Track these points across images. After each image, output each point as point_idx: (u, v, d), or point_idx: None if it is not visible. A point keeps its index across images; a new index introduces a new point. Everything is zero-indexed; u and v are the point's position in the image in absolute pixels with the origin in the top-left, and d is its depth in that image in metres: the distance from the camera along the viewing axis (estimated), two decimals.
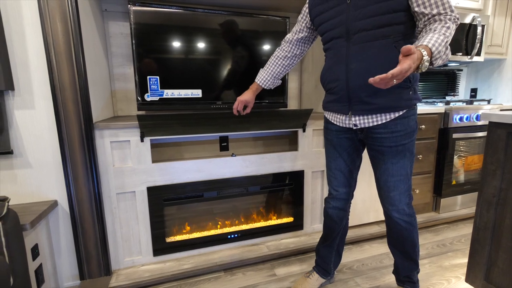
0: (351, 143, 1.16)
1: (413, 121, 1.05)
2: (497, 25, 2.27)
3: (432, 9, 0.89)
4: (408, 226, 1.12)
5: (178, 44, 1.63)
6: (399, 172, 1.07)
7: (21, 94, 1.21)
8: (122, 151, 1.38)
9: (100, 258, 1.38)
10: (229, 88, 1.77)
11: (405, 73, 0.75)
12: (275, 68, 1.30)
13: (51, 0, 1.13)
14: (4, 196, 1.01)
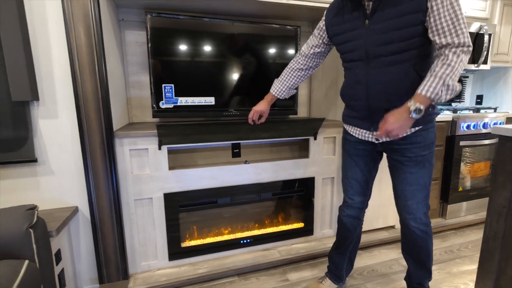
0: (369, 154, 1.20)
1: (432, 133, 1.09)
2: (503, 33, 2.30)
3: (441, 38, 0.91)
4: (424, 235, 1.16)
5: (192, 52, 1.67)
6: (418, 181, 1.10)
7: (46, 104, 1.26)
8: (140, 159, 1.42)
9: (118, 263, 1.42)
10: (240, 95, 1.81)
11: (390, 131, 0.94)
12: (291, 79, 1.34)
13: (76, 14, 1.17)
14: (33, 205, 1.05)
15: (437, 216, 2.11)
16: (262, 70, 1.83)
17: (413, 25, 0.95)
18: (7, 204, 1.26)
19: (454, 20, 0.89)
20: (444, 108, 2.21)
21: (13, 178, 1.26)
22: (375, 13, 1.00)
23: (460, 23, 0.89)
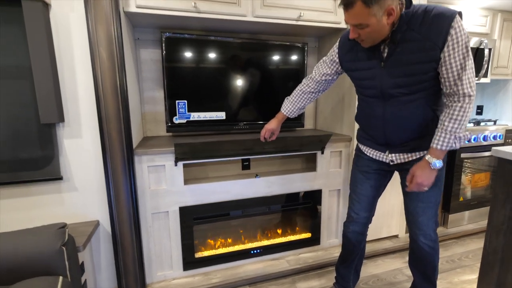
0: (381, 171, 1.28)
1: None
2: (503, 47, 2.37)
3: (448, 88, 0.99)
4: (432, 251, 1.23)
5: (204, 69, 1.74)
6: (429, 199, 1.18)
7: (70, 125, 1.33)
8: (157, 175, 1.50)
9: (137, 273, 1.49)
10: (250, 110, 1.88)
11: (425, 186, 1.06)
12: (301, 101, 1.41)
13: (101, 40, 1.25)
14: (63, 223, 1.12)
15: (439, 225, 2.18)
16: (271, 85, 1.91)
17: (426, 73, 1.01)
18: (35, 218, 1.34)
19: (462, 73, 0.95)
20: None
21: (40, 195, 1.34)
22: (390, 56, 1.04)
23: (468, 76, 0.96)
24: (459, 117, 0.98)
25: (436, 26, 0.95)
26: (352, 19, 0.97)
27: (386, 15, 0.94)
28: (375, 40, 1.03)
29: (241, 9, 1.55)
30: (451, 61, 0.96)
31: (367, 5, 0.91)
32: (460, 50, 0.94)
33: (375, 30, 0.98)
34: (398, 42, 1.01)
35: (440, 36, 0.95)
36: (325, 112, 2.11)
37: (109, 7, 1.24)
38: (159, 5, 1.42)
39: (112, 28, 1.26)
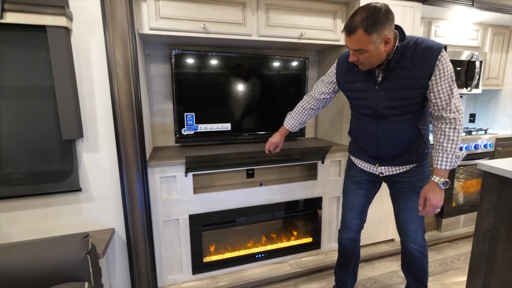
0: (371, 182, 1.39)
1: (427, 168, 1.28)
2: (494, 59, 2.49)
3: (437, 112, 1.11)
4: (421, 256, 1.34)
5: (211, 83, 1.84)
6: (417, 209, 1.28)
7: (89, 140, 1.43)
8: (168, 185, 1.60)
9: (149, 277, 1.59)
10: (254, 121, 1.99)
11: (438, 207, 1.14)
12: (302, 116, 1.51)
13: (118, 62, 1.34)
14: (86, 233, 1.22)
15: (432, 229, 2.30)
16: (274, 97, 2.01)
17: (415, 97, 1.13)
18: (55, 228, 1.43)
19: (450, 99, 1.07)
20: None
21: (60, 205, 1.43)
22: (384, 81, 1.15)
23: (455, 102, 1.08)
24: (455, 138, 1.09)
25: (425, 57, 1.07)
26: (353, 44, 1.07)
27: (384, 43, 1.05)
28: (372, 64, 1.13)
29: (246, 29, 1.65)
30: (438, 89, 1.07)
31: (367, 33, 1.01)
32: (446, 79, 1.06)
33: (373, 56, 1.08)
34: (392, 69, 1.12)
35: (428, 67, 1.07)
36: (325, 123, 2.22)
37: (126, 31, 1.34)
38: (170, 27, 1.52)
39: (128, 51, 1.36)
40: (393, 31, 1.08)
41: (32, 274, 1.03)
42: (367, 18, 1.00)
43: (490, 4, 2.05)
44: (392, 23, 1.05)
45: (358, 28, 1.02)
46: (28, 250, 1.07)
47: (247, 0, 1.62)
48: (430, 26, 2.20)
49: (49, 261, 1.06)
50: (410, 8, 1.84)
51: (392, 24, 1.05)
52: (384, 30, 1.02)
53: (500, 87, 2.59)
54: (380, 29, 1.01)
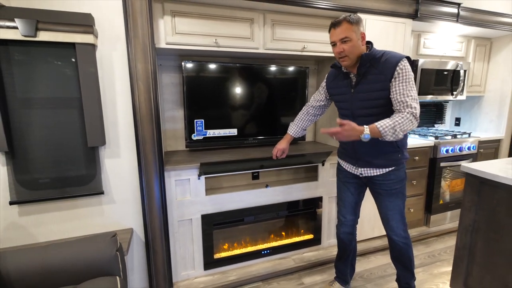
0: (357, 182, 1.55)
1: (403, 172, 1.45)
2: (476, 68, 2.71)
3: (395, 106, 1.29)
4: (405, 246, 1.51)
5: (219, 91, 1.97)
6: (395, 207, 1.46)
7: (111, 147, 1.54)
8: (183, 187, 1.72)
9: (165, 273, 1.71)
10: (259, 127, 2.13)
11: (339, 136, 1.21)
12: (303, 123, 1.69)
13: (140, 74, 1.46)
14: (114, 232, 1.34)
15: (422, 225, 2.50)
16: (277, 104, 2.16)
17: (383, 98, 1.32)
18: (79, 228, 1.54)
19: (407, 97, 1.24)
20: (429, 134, 2.59)
21: (84, 207, 1.54)
22: (357, 85, 1.37)
23: (412, 96, 1.25)
24: (404, 119, 1.21)
25: (388, 64, 1.29)
26: (340, 34, 1.30)
27: (361, 38, 1.32)
28: (353, 59, 1.33)
29: (254, 43, 1.79)
30: (396, 88, 1.27)
31: (350, 23, 1.29)
32: (404, 80, 1.26)
33: (355, 46, 1.30)
34: (362, 75, 1.34)
35: (390, 71, 1.28)
36: (323, 125, 2.37)
37: (147, 46, 1.46)
38: (185, 42, 1.65)
39: (149, 64, 1.48)
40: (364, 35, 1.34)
41: (71, 269, 1.15)
42: (348, 16, 1.30)
43: (473, 19, 2.26)
44: (362, 25, 1.33)
45: (342, 21, 1.30)
46: (67, 247, 1.18)
47: (254, 17, 1.76)
48: (419, 38, 2.39)
49: (84, 258, 1.18)
50: (402, 24, 2.02)
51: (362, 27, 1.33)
52: (360, 27, 1.31)
53: (483, 94, 2.81)
54: (358, 24, 1.30)
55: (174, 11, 1.61)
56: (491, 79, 2.77)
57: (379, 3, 1.91)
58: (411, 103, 1.24)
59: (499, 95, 2.72)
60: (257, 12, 1.77)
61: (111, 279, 1.20)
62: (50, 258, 1.14)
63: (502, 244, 1.36)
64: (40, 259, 1.13)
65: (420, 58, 2.38)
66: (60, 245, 1.20)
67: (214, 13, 1.68)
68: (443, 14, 2.13)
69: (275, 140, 1.95)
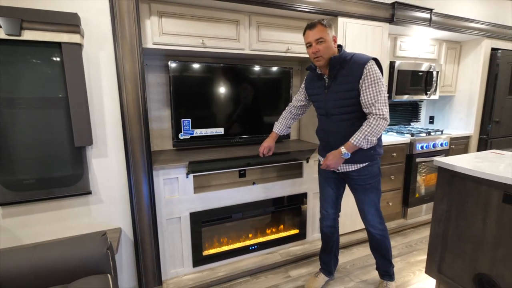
0: (336, 177, 1.65)
1: (376, 168, 1.55)
2: (448, 70, 2.89)
3: (366, 108, 1.38)
4: (381, 237, 1.62)
5: (205, 91, 2.01)
6: (370, 202, 1.57)
7: (98, 146, 1.54)
8: (171, 186, 1.74)
9: (154, 271, 1.73)
10: (244, 126, 2.18)
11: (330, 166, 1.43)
12: (287, 121, 1.78)
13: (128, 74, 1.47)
14: (103, 231, 1.34)
15: (400, 218, 2.65)
16: (262, 103, 2.22)
17: (353, 97, 1.41)
18: (66, 229, 1.53)
19: (376, 99, 1.34)
20: (406, 131, 2.74)
21: (71, 208, 1.53)
22: (330, 86, 1.47)
23: (380, 100, 1.34)
24: (372, 125, 1.34)
25: (356, 66, 1.38)
26: (315, 35, 1.39)
27: (333, 40, 1.42)
28: (325, 59, 1.42)
29: (240, 44, 1.84)
30: (365, 90, 1.36)
31: (324, 26, 1.39)
32: (372, 81, 1.35)
33: (329, 47, 1.40)
34: (333, 76, 1.44)
35: (358, 72, 1.37)
36: (307, 126, 2.46)
37: (135, 47, 1.47)
38: (172, 42, 1.67)
39: (137, 64, 1.49)
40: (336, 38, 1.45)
41: (61, 269, 1.15)
42: (322, 20, 1.42)
43: (444, 24, 2.42)
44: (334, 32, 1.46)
45: (317, 23, 1.40)
46: (57, 247, 1.18)
47: (240, 19, 1.81)
48: (396, 41, 2.53)
49: (75, 257, 1.19)
50: (379, 27, 2.14)
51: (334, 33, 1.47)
52: (332, 31, 1.43)
53: (454, 94, 3.01)
54: (331, 27, 1.41)
55: (161, 12, 1.63)
56: (461, 80, 2.97)
57: (359, 8, 2.01)
58: (380, 107, 1.34)
59: (468, 95, 2.92)
60: (242, 14, 1.82)
61: (103, 277, 1.21)
62: (40, 258, 1.14)
63: (471, 231, 1.48)
64: (30, 259, 1.12)
65: (396, 60, 2.52)
66: (50, 245, 1.20)
67: (201, 15, 1.72)
68: (417, 19, 2.27)
69: (261, 138, 2.01)
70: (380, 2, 2.09)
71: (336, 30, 1.99)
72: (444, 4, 2.47)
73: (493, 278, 1.39)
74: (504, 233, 1.35)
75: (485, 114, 2.91)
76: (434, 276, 1.70)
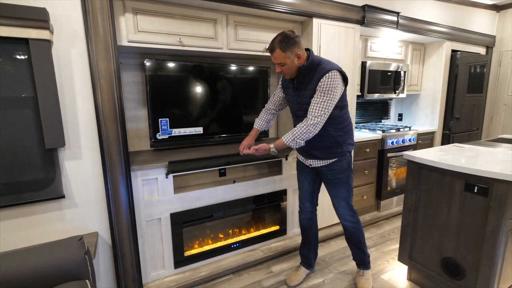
0: (311, 171, 1.71)
1: (345, 163, 1.63)
2: (414, 70, 3.09)
3: (308, 113, 1.45)
4: (354, 230, 1.71)
5: (183, 90, 1.99)
6: (340, 195, 1.65)
7: (71, 148, 1.47)
8: (150, 186, 1.71)
9: (134, 275, 1.68)
10: (223, 125, 2.19)
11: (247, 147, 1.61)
12: (266, 116, 1.80)
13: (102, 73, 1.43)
14: (80, 236, 1.29)
15: (374, 210, 2.78)
16: (241, 103, 2.24)
17: None
18: (38, 235, 1.45)
19: (315, 106, 1.41)
20: (377, 127, 2.89)
21: (43, 213, 1.45)
22: (297, 90, 1.54)
23: (318, 108, 1.41)
24: (303, 129, 1.43)
25: (318, 75, 1.43)
26: (275, 59, 1.45)
27: (296, 58, 1.44)
28: (292, 74, 1.51)
29: (218, 43, 1.84)
30: (314, 98, 1.43)
31: (283, 51, 1.40)
32: (321, 92, 1.41)
33: (291, 67, 1.46)
34: (300, 82, 1.50)
35: (316, 82, 1.43)
36: (285, 124, 2.51)
37: (109, 44, 1.43)
38: (148, 40, 1.64)
39: (112, 63, 1.45)
40: (303, 49, 1.46)
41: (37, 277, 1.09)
42: (281, 41, 1.39)
43: (409, 27, 2.58)
44: (299, 43, 1.43)
45: (276, 48, 1.41)
46: (31, 254, 1.12)
47: (218, 17, 1.82)
48: (367, 42, 2.66)
49: (51, 263, 1.13)
50: (352, 29, 2.24)
51: (300, 43, 1.44)
52: (294, 48, 1.41)
53: (419, 92, 3.22)
54: (291, 48, 1.40)
55: (136, 9, 1.59)
56: (425, 79, 3.18)
57: (333, 10, 2.09)
58: (315, 114, 1.41)
59: (432, 93, 3.14)
60: (220, 13, 1.83)
61: (81, 283, 1.17)
62: (11, 267, 1.07)
63: (437, 219, 1.61)
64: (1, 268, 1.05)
65: (368, 60, 2.65)
66: (21, 252, 1.13)
67: (178, 13, 1.70)
68: (386, 21, 2.40)
69: (240, 137, 2.02)
70: (352, 5, 2.19)
71: (311, 31, 2.06)
72: (410, 8, 2.64)
73: (458, 260, 1.52)
74: (465, 219, 1.47)
75: (447, 111, 3.15)
76: (406, 262, 1.82)
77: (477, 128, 3.56)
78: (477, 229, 1.43)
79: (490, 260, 1.38)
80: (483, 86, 3.48)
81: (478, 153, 1.72)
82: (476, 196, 1.42)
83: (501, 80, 3.59)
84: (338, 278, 1.87)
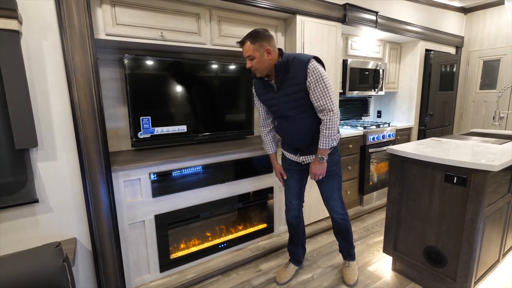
0: (299, 168, 1.72)
1: (337, 155, 1.66)
2: (391, 68, 3.20)
3: (317, 106, 1.46)
4: (343, 222, 1.73)
5: (165, 87, 1.91)
6: (332, 188, 1.67)
7: (44, 148, 1.36)
8: (133, 188, 1.63)
9: (117, 281, 1.60)
10: (207, 123, 2.14)
11: (318, 174, 1.57)
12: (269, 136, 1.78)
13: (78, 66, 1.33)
14: (57, 242, 1.20)
15: (357, 205, 2.85)
16: (226, 100, 2.20)
17: (303, 97, 1.47)
18: (9, 244, 1.33)
19: (324, 94, 1.43)
20: (358, 124, 2.96)
21: (14, 219, 1.33)
22: (279, 90, 1.51)
23: (327, 95, 1.42)
24: (331, 125, 1.46)
25: (299, 67, 1.44)
26: (245, 52, 1.45)
27: (266, 53, 1.43)
28: (262, 71, 1.49)
29: (201, 38, 1.80)
30: (313, 87, 1.43)
31: (252, 43, 1.42)
32: (316, 80, 1.42)
33: (260, 62, 1.44)
34: (280, 81, 1.49)
35: (302, 73, 1.44)
36: None
37: (85, 37, 1.34)
38: (128, 34, 1.56)
39: (89, 57, 1.36)
40: (274, 46, 1.47)
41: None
42: (251, 34, 1.43)
43: (387, 26, 2.66)
44: (270, 39, 1.44)
45: (246, 40, 1.43)
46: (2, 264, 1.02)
47: (201, 12, 1.77)
48: (347, 41, 2.71)
49: (26, 274, 1.04)
50: (333, 27, 2.27)
51: (271, 40, 1.45)
52: (263, 43, 1.42)
53: (396, 90, 3.34)
54: (260, 41, 1.42)
55: (114, 1, 1.51)
56: (402, 77, 3.31)
57: (315, 7, 2.11)
58: (330, 106, 1.43)
59: (408, 90, 3.27)
60: (203, 8, 1.78)
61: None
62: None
63: (419, 210, 1.66)
64: None
65: (348, 58, 2.71)
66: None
67: (159, 6, 1.63)
68: (365, 20, 2.47)
69: (225, 135, 1.99)
70: (333, 3, 2.23)
71: (295, 28, 2.06)
72: (387, 8, 2.72)
73: (439, 249, 1.58)
74: (446, 209, 1.54)
75: (422, 108, 3.29)
76: (391, 253, 1.87)
77: (449, 124, 3.75)
78: (457, 218, 1.49)
79: (469, 246, 1.45)
80: (454, 84, 3.68)
81: (454, 145, 1.80)
82: (455, 186, 1.48)
83: (469, 78, 3.81)
84: (327, 273, 1.88)
